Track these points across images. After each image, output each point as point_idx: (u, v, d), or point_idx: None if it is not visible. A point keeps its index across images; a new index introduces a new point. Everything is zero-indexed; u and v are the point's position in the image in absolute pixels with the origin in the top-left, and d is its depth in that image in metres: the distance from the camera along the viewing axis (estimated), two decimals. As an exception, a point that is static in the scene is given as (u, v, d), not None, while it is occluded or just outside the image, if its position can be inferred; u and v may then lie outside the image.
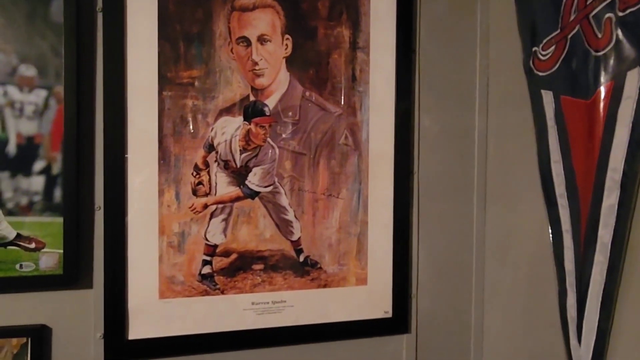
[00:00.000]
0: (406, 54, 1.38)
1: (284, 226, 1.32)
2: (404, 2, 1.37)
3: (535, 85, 1.25)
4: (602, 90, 1.07)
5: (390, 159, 1.38)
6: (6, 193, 1.13)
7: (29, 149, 1.14)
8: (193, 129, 1.24)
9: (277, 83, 1.30)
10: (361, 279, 1.37)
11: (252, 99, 1.28)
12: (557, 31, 1.18)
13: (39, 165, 1.15)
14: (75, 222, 1.17)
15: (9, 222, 1.13)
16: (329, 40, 1.32)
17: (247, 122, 1.28)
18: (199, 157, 1.25)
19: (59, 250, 1.16)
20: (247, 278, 1.29)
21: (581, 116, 1.12)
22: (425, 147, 1.42)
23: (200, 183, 1.25)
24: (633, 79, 1.01)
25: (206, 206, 1.26)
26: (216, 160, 1.26)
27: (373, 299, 1.39)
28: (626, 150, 1.03)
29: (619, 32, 1.04)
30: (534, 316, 1.32)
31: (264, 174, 1.30)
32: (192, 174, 1.25)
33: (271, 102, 1.29)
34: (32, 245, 1.15)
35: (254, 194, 1.29)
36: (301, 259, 1.33)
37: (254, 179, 1.29)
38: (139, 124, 1.21)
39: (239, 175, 1.29)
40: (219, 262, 1.27)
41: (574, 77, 1.14)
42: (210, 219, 1.26)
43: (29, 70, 1.13)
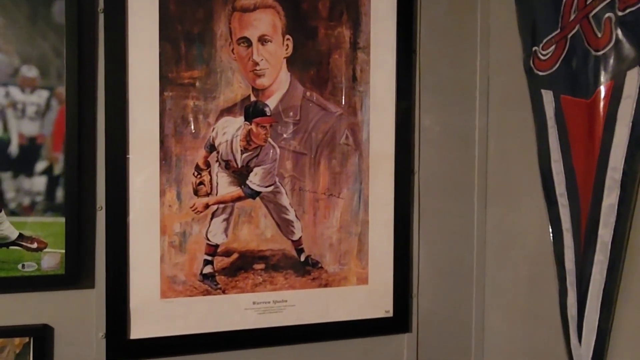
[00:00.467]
0: (407, 54, 1.39)
1: (285, 226, 1.32)
2: (404, 2, 1.38)
3: (535, 84, 1.25)
4: (602, 90, 1.07)
5: (391, 159, 1.38)
6: (8, 193, 1.14)
7: (31, 150, 1.14)
8: (194, 129, 1.25)
9: (278, 83, 1.30)
10: (362, 279, 1.38)
11: (253, 99, 1.28)
12: (557, 31, 1.18)
13: (41, 165, 1.15)
14: (77, 222, 1.17)
15: (12, 222, 1.14)
16: (330, 41, 1.33)
17: (248, 122, 1.28)
18: (200, 157, 1.26)
19: (61, 250, 1.16)
20: (249, 278, 1.30)
21: (581, 115, 1.12)
22: (425, 147, 1.43)
23: (201, 183, 1.26)
24: (633, 78, 1.02)
25: (207, 206, 1.26)
26: (217, 160, 1.27)
27: (374, 298, 1.39)
28: (626, 149, 1.03)
29: (619, 31, 1.04)
30: (534, 315, 1.32)
31: (265, 173, 1.30)
32: (194, 174, 1.25)
33: (272, 102, 1.29)
34: (34, 245, 1.15)
35: (255, 194, 1.30)
36: (302, 258, 1.33)
37: (255, 179, 1.29)
38: (141, 124, 1.21)
39: (240, 175, 1.29)
40: (220, 262, 1.28)
41: (574, 77, 1.14)
42: (212, 218, 1.27)
43: (30, 71, 1.14)
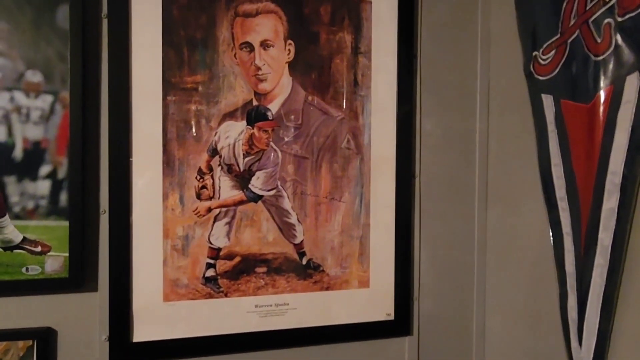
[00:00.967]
0: (407, 59, 1.39)
1: (286, 229, 1.33)
2: (405, 7, 1.38)
3: (535, 89, 1.26)
4: (602, 95, 1.08)
5: (392, 163, 1.39)
6: (13, 197, 1.14)
7: (35, 154, 1.15)
8: (197, 133, 1.26)
9: (280, 88, 1.31)
10: (363, 282, 1.38)
11: (255, 103, 1.29)
12: (557, 36, 1.19)
13: (45, 169, 1.16)
14: (80, 226, 1.18)
15: (16, 225, 1.15)
16: (331, 45, 1.34)
17: (250, 126, 1.29)
18: (202, 161, 1.26)
19: (65, 254, 1.17)
20: (251, 281, 1.30)
21: (581, 120, 1.13)
22: (426, 151, 1.43)
23: (204, 187, 1.26)
24: (632, 83, 1.02)
25: (210, 210, 1.27)
26: (220, 164, 1.27)
27: (375, 301, 1.39)
28: (626, 153, 1.04)
29: (618, 37, 1.05)
30: (535, 318, 1.32)
31: (267, 177, 1.31)
32: (196, 177, 1.26)
33: (274, 107, 1.30)
34: (38, 248, 1.16)
35: (257, 198, 1.30)
36: (304, 261, 1.34)
37: (257, 183, 1.30)
38: (144, 128, 1.22)
39: (242, 179, 1.30)
40: (222, 265, 1.28)
41: (574, 82, 1.15)
42: (214, 222, 1.27)
43: (35, 76, 1.14)
